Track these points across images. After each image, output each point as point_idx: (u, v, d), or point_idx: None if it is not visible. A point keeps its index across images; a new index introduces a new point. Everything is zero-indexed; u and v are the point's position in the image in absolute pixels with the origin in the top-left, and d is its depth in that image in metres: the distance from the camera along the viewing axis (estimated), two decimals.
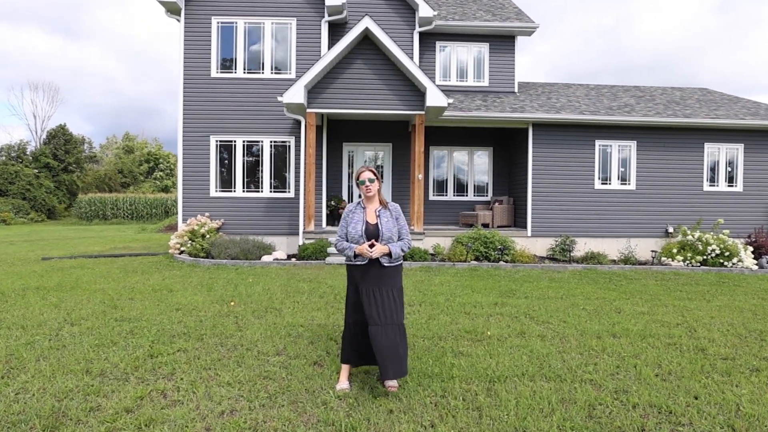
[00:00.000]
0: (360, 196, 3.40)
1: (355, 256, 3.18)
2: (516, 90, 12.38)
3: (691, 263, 9.53)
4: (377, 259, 3.17)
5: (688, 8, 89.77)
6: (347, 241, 3.26)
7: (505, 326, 4.70)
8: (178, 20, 10.61)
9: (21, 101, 65.64)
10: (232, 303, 5.46)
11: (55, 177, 34.04)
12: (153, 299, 5.65)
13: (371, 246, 3.12)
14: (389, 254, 3.16)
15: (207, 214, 10.42)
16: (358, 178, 3.29)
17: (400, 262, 3.29)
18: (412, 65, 9.04)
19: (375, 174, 3.28)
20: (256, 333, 4.32)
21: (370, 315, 3.11)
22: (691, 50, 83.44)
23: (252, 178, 10.77)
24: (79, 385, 3.12)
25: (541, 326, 4.75)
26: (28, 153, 34.81)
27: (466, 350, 3.93)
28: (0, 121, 58.11)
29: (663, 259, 9.93)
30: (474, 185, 12.57)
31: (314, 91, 9.39)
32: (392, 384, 3.09)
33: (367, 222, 3.23)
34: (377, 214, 3.27)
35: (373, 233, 3.19)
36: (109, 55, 68.66)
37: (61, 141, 36.42)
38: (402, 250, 3.23)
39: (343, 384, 3.16)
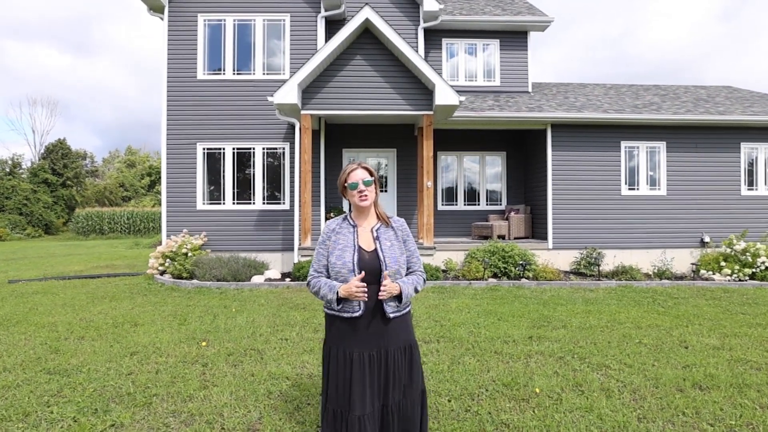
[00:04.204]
0: (349, 209, 2.23)
1: (338, 301, 2.01)
2: (530, 90, 11.41)
3: (738, 277, 8.41)
4: (379, 306, 2.02)
5: (690, 16, 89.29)
6: (329, 277, 2.09)
7: (553, 374, 3.61)
8: (162, 18, 9.74)
9: (20, 116, 65.59)
10: (204, 343, 4.39)
11: (54, 192, 33.26)
12: (109, 338, 4.60)
13: (364, 280, 1.98)
14: (399, 297, 2.03)
15: (186, 230, 9.38)
16: (346, 181, 2.10)
17: (409, 308, 2.16)
18: (418, 59, 8.08)
19: (372, 173, 2.12)
20: (224, 392, 3.25)
21: (379, 393, 2.03)
22: (693, 58, 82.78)
23: (243, 189, 9.75)
24: None
25: (598, 373, 3.65)
26: (23, 167, 34.13)
27: (511, 418, 2.84)
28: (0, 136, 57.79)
29: (701, 272, 8.83)
30: (486, 193, 11.51)
31: (309, 90, 8.43)
32: None
33: (359, 248, 2.08)
34: (375, 235, 2.12)
35: (370, 265, 2.04)
36: (119, 70, 69.04)
37: (59, 155, 35.79)
38: (416, 290, 2.10)
39: None
